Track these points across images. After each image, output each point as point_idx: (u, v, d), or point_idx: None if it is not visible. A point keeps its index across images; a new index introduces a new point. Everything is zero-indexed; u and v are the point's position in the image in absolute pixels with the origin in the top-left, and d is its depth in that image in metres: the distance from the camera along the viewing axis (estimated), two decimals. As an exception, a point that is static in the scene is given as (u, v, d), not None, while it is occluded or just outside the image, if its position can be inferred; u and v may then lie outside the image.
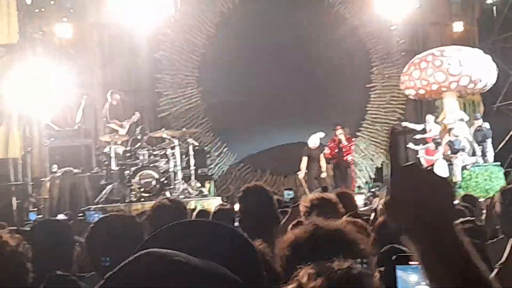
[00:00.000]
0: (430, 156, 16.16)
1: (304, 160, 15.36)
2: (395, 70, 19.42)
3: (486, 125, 16.84)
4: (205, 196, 13.48)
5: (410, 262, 1.75)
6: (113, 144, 13.27)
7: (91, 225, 3.43)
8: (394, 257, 1.89)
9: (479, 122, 16.87)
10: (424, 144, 16.62)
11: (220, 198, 13.87)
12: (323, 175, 15.37)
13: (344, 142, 15.26)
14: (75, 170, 13.84)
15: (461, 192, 13.68)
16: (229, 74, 18.02)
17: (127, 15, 15.00)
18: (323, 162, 15.32)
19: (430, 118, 17.19)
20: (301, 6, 18.63)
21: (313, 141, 15.38)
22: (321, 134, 15.44)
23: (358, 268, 1.49)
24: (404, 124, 17.27)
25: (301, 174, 15.44)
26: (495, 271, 3.34)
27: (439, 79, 16.02)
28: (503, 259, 3.49)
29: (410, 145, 16.67)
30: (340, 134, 15.25)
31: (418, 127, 16.98)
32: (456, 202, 8.37)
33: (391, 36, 19.80)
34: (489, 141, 16.81)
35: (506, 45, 20.61)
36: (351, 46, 19.35)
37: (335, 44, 18.76)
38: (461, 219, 4.32)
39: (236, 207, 5.37)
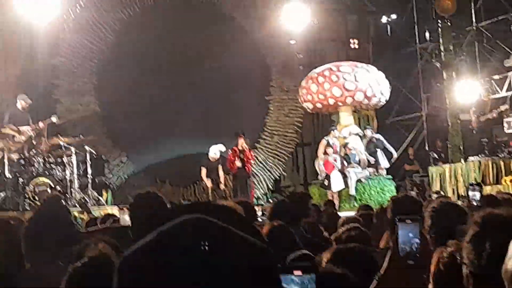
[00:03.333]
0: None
1: (204, 170, 15.28)
2: (293, 83, 19.80)
3: (378, 136, 17.21)
4: (102, 205, 13.28)
5: (295, 272, 1.71)
6: (6, 150, 12.81)
7: None
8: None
9: (369, 133, 17.19)
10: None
11: (117, 207, 13.67)
12: (221, 186, 15.33)
13: (247, 152, 15.24)
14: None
15: (357, 205, 14.14)
16: (128, 82, 17.72)
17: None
18: (221, 173, 15.28)
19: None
20: (202, 18, 18.69)
21: (213, 152, 15.31)
22: (222, 147, 15.35)
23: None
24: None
25: (208, 183, 15.35)
26: (374, 282, 3.47)
27: (336, 94, 16.44)
28: (382, 270, 3.62)
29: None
30: (243, 143, 15.25)
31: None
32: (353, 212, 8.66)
33: (290, 50, 20.23)
34: (379, 152, 17.02)
35: (398, 63, 21.52)
36: (250, 58, 19.54)
37: (235, 55, 18.90)
38: (346, 226, 4.50)
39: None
